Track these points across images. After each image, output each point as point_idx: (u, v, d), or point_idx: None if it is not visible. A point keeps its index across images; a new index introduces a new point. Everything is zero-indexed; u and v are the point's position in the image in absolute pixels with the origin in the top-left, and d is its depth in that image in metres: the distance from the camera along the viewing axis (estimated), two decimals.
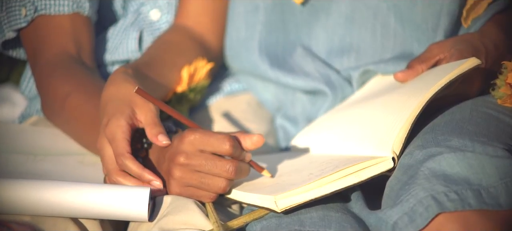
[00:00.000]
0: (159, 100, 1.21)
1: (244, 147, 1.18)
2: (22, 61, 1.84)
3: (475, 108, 1.25)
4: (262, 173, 1.22)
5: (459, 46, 1.31)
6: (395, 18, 1.40)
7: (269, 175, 1.22)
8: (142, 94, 1.19)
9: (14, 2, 1.42)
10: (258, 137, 1.17)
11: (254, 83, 1.52)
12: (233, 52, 1.51)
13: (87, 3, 1.44)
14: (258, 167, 1.22)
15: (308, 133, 1.38)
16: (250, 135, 1.17)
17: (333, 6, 1.43)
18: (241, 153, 1.17)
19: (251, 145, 1.17)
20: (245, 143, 1.18)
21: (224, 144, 1.15)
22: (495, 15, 1.35)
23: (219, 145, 1.16)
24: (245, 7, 1.48)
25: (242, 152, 1.18)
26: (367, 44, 1.42)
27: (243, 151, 1.18)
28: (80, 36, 1.43)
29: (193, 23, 1.50)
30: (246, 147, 1.18)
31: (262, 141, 1.17)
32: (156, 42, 1.47)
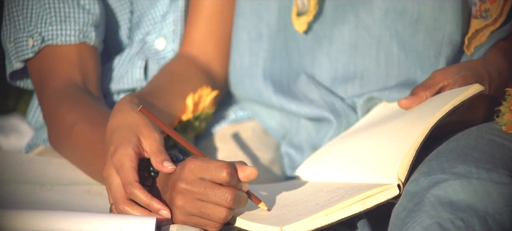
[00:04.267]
0: (162, 121, 1.20)
1: (239, 178, 1.16)
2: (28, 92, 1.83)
3: (480, 135, 1.23)
4: (259, 205, 1.20)
5: (462, 73, 1.30)
6: (398, 46, 1.39)
7: (265, 207, 1.20)
8: (146, 113, 1.18)
9: (22, 33, 1.42)
10: (251, 170, 1.16)
11: (258, 111, 1.50)
12: (237, 79, 1.49)
13: (93, 33, 1.43)
14: (255, 199, 1.20)
15: (313, 161, 1.36)
16: (245, 166, 1.16)
17: (336, 33, 1.42)
18: (238, 182, 1.16)
19: (244, 177, 1.16)
20: (239, 173, 1.16)
21: (221, 172, 1.14)
22: (498, 42, 1.34)
23: (217, 172, 1.15)
24: (249, 35, 1.47)
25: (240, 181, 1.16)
26: (371, 71, 1.41)
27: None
28: (86, 65, 1.42)
29: (198, 52, 1.49)
30: (240, 178, 1.16)
31: (255, 174, 1.15)
32: (161, 71, 1.46)
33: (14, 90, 2.01)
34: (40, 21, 1.42)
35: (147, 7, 1.52)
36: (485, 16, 1.33)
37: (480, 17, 1.34)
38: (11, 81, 1.49)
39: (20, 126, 1.90)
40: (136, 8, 1.51)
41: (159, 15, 1.52)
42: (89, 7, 1.44)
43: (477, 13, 1.34)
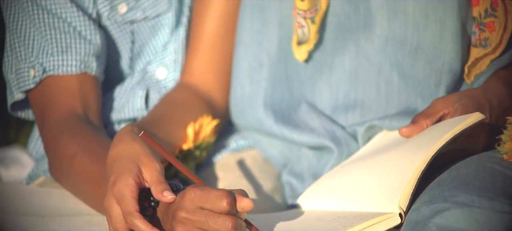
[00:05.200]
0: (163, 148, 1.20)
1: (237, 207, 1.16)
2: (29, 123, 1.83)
3: (481, 164, 1.23)
4: None
5: (463, 101, 1.29)
6: (398, 74, 1.39)
7: None
8: (147, 140, 1.18)
9: (23, 64, 1.42)
10: (247, 202, 1.15)
11: (259, 140, 1.50)
12: (238, 108, 1.49)
13: (95, 63, 1.43)
14: (254, 228, 1.19)
15: (314, 190, 1.36)
16: (242, 197, 1.16)
17: (336, 62, 1.42)
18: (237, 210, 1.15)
19: (239, 208, 1.15)
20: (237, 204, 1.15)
21: (221, 201, 1.14)
22: (498, 71, 1.34)
23: (217, 202, 1.14)
24: (249, 64, 1.47)
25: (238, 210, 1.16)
26: (372, 100, 1.40)
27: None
28: (87, 96, 1.42)
29: (198, 81, 1.48)
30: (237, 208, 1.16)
31: (250, 206, 1.15)
32: (162, 100, 1.46)
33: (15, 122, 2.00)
34: (42, 51, 1.42)
35: (148, 36, 1.52)
36: (484, 45, 1.33)
37: (480, 46, 1.34)
38: (12, 112, 1.48)
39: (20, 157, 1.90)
40: (137, 37, 1.51)
41: (160, 44, 1.52)
42: (90, 38, 1.44)
43: (477, 42, 1.34)
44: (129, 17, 1.50)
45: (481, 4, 1.32)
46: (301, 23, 1.40)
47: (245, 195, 1.16)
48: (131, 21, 1.50)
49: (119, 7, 1.49)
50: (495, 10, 1.32)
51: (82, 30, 1.44)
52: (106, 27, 1.49)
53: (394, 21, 1.38)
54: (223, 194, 1.14)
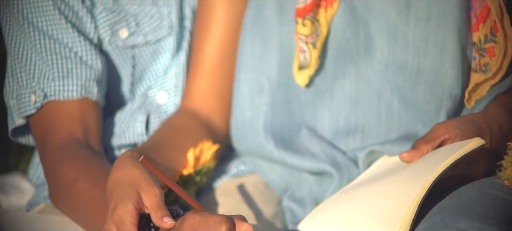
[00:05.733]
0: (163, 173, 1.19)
1: None
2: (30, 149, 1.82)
3: (482, 190, 1.22)
4: None
5: (463, 127, 1.29)
6: (398, 99, 1.38)
7: None
8: (147, 164, 1.17)
9: (24, 89, 1.42)
10: (246, 227, 1.15)
11: (260, 165, 1.49)
12: (238, 133, 1.48)
13: (95, 88, 1.43)
14: None
15: (315, 216, 1.34)
16: (241, 222, 1.15)
17: (337, 87, 1.41)
18: None
19: None
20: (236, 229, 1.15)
21: (220, 227, 1.14)
22: (498, 96, 1.34)
23: (216, 227, 1.14)
24: (250, 89, 1.46)
25: None
26: (372, 125, 1.40)
27: None
28: (88, 121, 1.41)
29: (199, 105, 1.48)
30: None
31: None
32: (162, 125, 1.45)
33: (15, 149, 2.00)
34: (43, 77, 1.42)
35: (149, 61, 1.51)
36: (484, 70, 1.33)
37: (480, 71, 1.33)
38: (13, 138, 1.48)
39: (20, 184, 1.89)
40: (138, 62, 1.51)
41: (161, 69, 1.52)
42: (91, 63, 1.44)
43: (477, 67, 1.34)
44: (130, 42, 1.49)
45: (481, 29, 1.32)
46: (303, 48, 1.40)
47: (244, 221, 1.16)
48: (132, 46, 1.50)
49: (120, 32, 1.48)
50: (495, 36, 1.31)
51: (83, 55, 1.43)
52: (107, 52, 1.49)
53: (394, 46, 1.37)
54: (222, 219, 1.14)
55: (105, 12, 1.47)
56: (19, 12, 1.43)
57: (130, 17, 1.49)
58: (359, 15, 1.39)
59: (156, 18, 1.50)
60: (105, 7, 1.47)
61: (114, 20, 1.48)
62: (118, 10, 1.48)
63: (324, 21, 1.40)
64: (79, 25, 1.45)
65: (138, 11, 1.49)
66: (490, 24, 1.32)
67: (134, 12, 1.49)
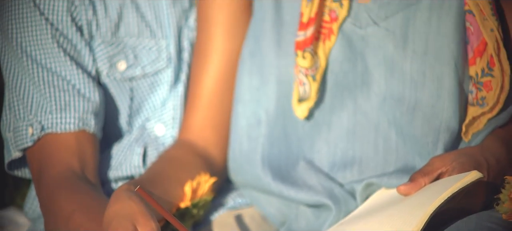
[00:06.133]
0: (160, 205, 1.18)
1: None
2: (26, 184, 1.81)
3: (480, 223, 1.21)
4: None
5: (460, 160, 1.28)
6: (396, 132, 1.38)
7: None
8: (143, 195, 1.17)
9: (22, 122, 1.41)
10: None
11: (257, 197, 1.48)
12: (236, 165, 1.47)
13: (93, 120, 1.42)
14: None
15: None
16: None
17: (334, 119, 1.41)
18: None
19: None
20: None
21: None
22: (495, 130, 1.33)
23: None
24: (248, 121, 1.46)
25: None
26: (370, 157, 1.39)
27: None
28: (85, 153, 1.41)
29: (197, 138, 1.47)
30: None
31: None
32: (159, 158, 1.44)
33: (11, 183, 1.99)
34: (40, 109, 1.41)
35: (147, 93, 1.51)
36: (481, 104, 1.32)
37: (477, 105, 1.33)
38: (9, 171, 1.47)
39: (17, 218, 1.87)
40: (136, 94, 1.51)
41: (159, 101, 1.51)
42: (89, 95, 1.43)
43: (474, 100, 1.33)
44: (128, 74, 1.49)
45: (478, 63, 1.32)
46: (303, 80, 1.40)
47: None
48: (130, 78, 1.49)
49: (118, 64, 1.48)
50: (491, 70, 1.31)
51: (81, 88, 1.43)
52: (105, 84, 1.48)
53: (391, 80, 1.37)
54: None
55: (104, 44, 1.47)
56: (18, 46, 1.42)
57: (128, 50, 1.49)
58: (356, 48, 1.39)
59: (154, 51, 1.50)
60: (103, 40, 1.47)
61: (112, 53, 1.48)
62: (116, 42, 1.48)
63: (323, 54, 1.40)
64: (78, 58, 1.45)
65: (137, 43, 1.49)
66: (487, 58, 1.32)
67: (133, 45, 1.49)
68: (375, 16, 1.38)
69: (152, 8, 1.50)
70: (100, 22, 1.47)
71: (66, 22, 1.44)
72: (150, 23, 1.50)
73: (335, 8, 1.39)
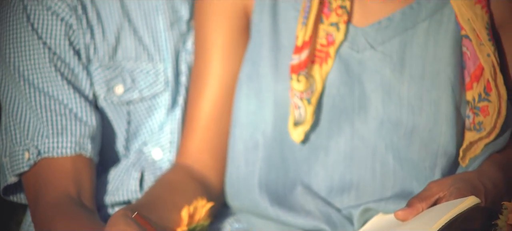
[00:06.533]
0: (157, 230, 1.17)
1: None
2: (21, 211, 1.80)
3: None
4: None
5: (458, 185, 1.27)
6: (393, 156, 1.37)
7: None
8: (140, 221, 1.17)
9: (18, 146, 1.40)
10: None
11: (255, 222, 1.47)
12: (233, 190, 1.46)
13: (90, 145, 1.41)
14: None
15: None
16: None
17: (331, 144, 1.40)
18: None
19: None
20: None
21: None
22: (492, 155, 1.33)
23: None
24: (245, 145, 1.45)
25: None
26: (367, 182, 1.38)
27: None
28: (81, 178, 1.40)
29: (194, 162, 1.46)
30: None
31: None
32: (156, 182, 1.43)
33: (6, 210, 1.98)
34: (37, 134, 1.40)
35: (144, 117, 1.50)
36: (478, 128, 1.32)
37: (474, 130, 1.33)
38: (4, 196, 1.46)
39: None
40: (133, 118, 1.50)
41: (156, 125, 1.51)
42: (86, 119, 1.42)
43: (471, 125, 1.33)
44: (125, 98, 1.48)
45: (474, 88, 1.32)
46: (298, 104, 1.39)
47: None
48: (128, 102, 1.49)
49: (116, 88, 1.48)
50: (488, 95, 1.31)
51: (78, 112, 1.42)
52: (102, 108, 1.48)
53: (389, 104, 1.37)
54: None
55: (101, 68, 1.47)
56: (15, 70, 1.42)
57: (126, 73, 1.48)
58: (353, 72, 1.39)
59: (152, 74, 1.50)
60: (101, 63, 1.46)
61: (110, 77, 1.47)
62: (114, 66, 1.47)
63: (319, 77, 1.39)
64: (75, 81, 1.44)
65: (134, 67, 1.49)
66: (484, 83, 1.32)
67: (130, 68, 1.48)
68: (372, 40, 1.38)
69: (150, 31, 1.50)
70: (98, 46, 1.46)
71: (64, 46, 1.43)
72: (148, 47, 1.50)
73: (332, 32, 1.39)
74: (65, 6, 1.43)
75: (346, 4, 1.38)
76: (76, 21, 1.44)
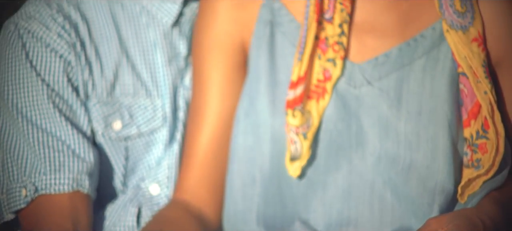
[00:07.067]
0: None
1: None
2: None
3: None
4: None
5: (456, 221, 1.26)
6: (391, 192, 1.36)
7: None
8: None
9: (15, 183, 1.39)
10: None
11: None
12: (230, 225, 1.45)
13: (87, 181, 1.40)
14: None
15: None
16: None
17: (329, 180, 1.39)
18: None
19: None
20: None
21: None
22: (491, 192, 1.32)
23: None
24: (242, 180, 1.44)
25: None
26: (365, 218, 1.37)
27: None
28: (78, 215, 1.39)
29: (191, 197, 1.45)
30: None
31: None
32: (154, 218, 1.42)
33: None
34: (34, 171, 1.39)
35: (142, 153, 1.49)
36: (477, 166, 1.31)
37: (472, 167, 1.32)
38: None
39: None
40: (131, 154, 1.49)
41: (154, 160, 1.50)
42: (84, 156, 1.41)
43: (469, 162, 1.32)
44: (123, 134, 1.47)
45: (472, 125, 1.32)
46: (294, 139, 1.38)
47: None
48: (126, 137, 1.48)
49: (113, 124, 1.47)
50: (486, 132, 1.31)
51: (76, 148, 1.41)
52: (100, 144, 1.47)
53: (386, 140, 1.36)
54: None
55: (99, 104, 1.46)
56: (13, 106, 1.41)
57: (124, 109, 1.47)
58: (350, 108, 1.38)
59: (150, 110, 1.49)
60: (99, 99, 1.46)
61: (107, 112, 1.46)
62: (112, 102, 1.47)
63: (316, 113, 1.38)
64: (73, 118, 1.43)
65: (132, 102, 1.48)
66: (481, 121, 1.31)
67: (128, 104, 1.48)
68: (369, 76, 1.38)
69: (148, 67, 1.49)
70: (96, 82, 1.46)
71: (62, 82, 1.42)
72: (146, 82, 1.49)
73: (329, 68, 1.38)
74: (64, 43, 1.43)
75: (342, 40, 1.37)
76: (74, 58, 1.43)
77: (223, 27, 1.43)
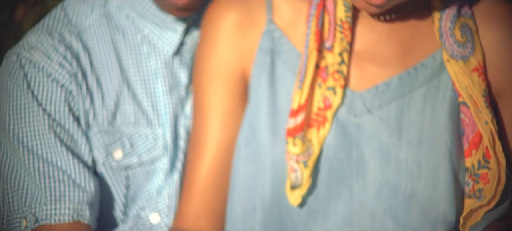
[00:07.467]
0: None
1: None
2: None
3: None
4: None
5: None
6: (392, 222, 1.35)
7: None
8: None
9: (16, 214, 1.38)
10: None
11: None
12: None
13: (88, 211, 1.39)
14: None
15: None
16: None
17: (330, 208, 1.38)
18: None
19: None
20: None
21: None
22: (493, 223, 1.31)
23: None
24: (243, 208, 1.43)
25: None
26: None
27: None
28: None
29: (191, 226, 1.44)
30: None
31: None
32: None
33: None
34: (35, 201, 1.38)
35: (142, 182, 1.48)
36: (479, 196, 1.30)
37: (474, 197, 1.31)
38: None
39: None
40: (132, 183, 1.48)
41: (154, 190, 1.49)
42: (84, 185, 1.40)
43: (471, 192, 1.31)
44: (124, 163, 1.47)
45: (473, 155, 1.31)
46: (294, 167, 1.37)
47: None
48: (126, 167, 1.47)
49: (114, 153, 1.46)
50: (488, 162, 1.30)
51: (76, 178, 1.40)
52: (101, 174, 1.46)
53: (387, 168, 1.35)
54: None
55: (100, 133, 1.45)
56: (14, 136, 1.40)
57: (124, 138, 1.46)
58: (351, 136, 1.37)
59: (151, 139, 1.48)
60: (100, 129, 1.45)
61: (108, 142, 1.45)
62: (113, 131, 1.46)
63: (317, 141, 1.37)
64: (74, 147, 1.42)
65: (133, 132, 1.47)
66: (483, 151, 1.30)
67: (129, 133, 1.47)
68: (369, 104, 1.37)
69: (149, 96, 1.49)
70: (97, 111, 1.45)
71: (63, 112, 1.42)
72: (147, 112, 1.48)
73: (329, 96, 1.37)
74: (65, 73, 1.42)
75: (342, 68, 1.37)
76: (76, 88, 1.43)
77: (224, 56, 1.42)
